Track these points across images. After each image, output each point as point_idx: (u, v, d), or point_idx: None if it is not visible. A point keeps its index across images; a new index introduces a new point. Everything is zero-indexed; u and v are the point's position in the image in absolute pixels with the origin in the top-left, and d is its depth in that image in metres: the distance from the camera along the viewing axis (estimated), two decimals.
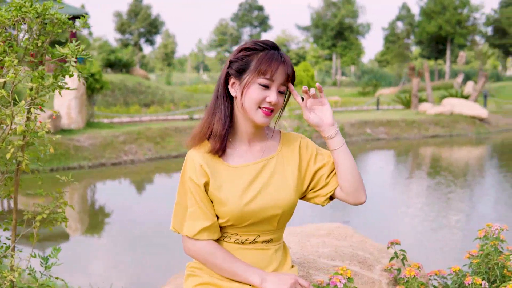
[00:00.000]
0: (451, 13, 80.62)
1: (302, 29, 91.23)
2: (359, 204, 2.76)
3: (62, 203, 3.08)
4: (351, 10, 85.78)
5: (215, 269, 2.64)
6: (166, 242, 9.06)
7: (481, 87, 33.36)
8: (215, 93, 2.69)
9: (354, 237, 3.90)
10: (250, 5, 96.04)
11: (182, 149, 19.15)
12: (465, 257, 3.49)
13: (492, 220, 10.31)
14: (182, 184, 2.66)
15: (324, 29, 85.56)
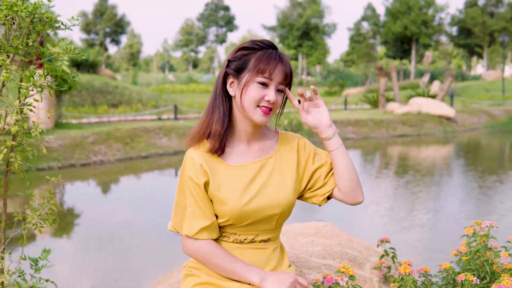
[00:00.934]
0: (417, 13, 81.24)
1: (268, 29, 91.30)
2: (357, 204, 2.78)
3: (52, 205, 3.05)
4: (317, 10, 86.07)
5: (215, 268, 2.64)
6: (138, 243, 9.02)
7: (448, 86, 33.63)
8: (214, 93, 2.70)
9: (341, 236, 3.92)
10: (216, 5, 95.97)
11: (151, 150, 19.09)
12: (452, 254, 3.51)
13: (462, 219, 10.41)
14: (181, 183, 2.65)
15: (290, 29, 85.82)
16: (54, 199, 3.06)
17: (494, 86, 56.75)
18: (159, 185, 14.92)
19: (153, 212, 11.20)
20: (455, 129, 28.84)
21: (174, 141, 20.22)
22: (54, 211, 3.09)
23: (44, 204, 3.01)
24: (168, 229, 2.80)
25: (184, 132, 20.84)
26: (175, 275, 3.61)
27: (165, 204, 11.98)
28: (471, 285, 2.94)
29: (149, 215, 11.02)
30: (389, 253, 3.39)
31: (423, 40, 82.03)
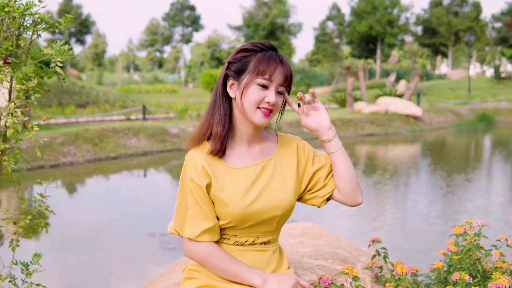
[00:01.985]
0: (382, 13, 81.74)
1: (234, 28, 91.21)
2: (357, 205, 2.81)
3: (44, 209, 3.01)
4: (283, 10, 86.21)
5: (216, 271, 2.63)
6: (109, 245, 8.94)
7: (415, 86, 33.85)
8: (214, 95, 2.70)
9: (329, 236, 3.93)
10: (181, 5, 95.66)
11: (120, 150, 18.98)
12: (440, 253, 3.53)
13: (432, 218, 10.47)
14: (183, 185, 2.64)
15: (256, 29, 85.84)
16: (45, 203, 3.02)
17: (460, 85, 57.28)
18: (129, 186, 14.84)
19: (124, 214, 11.12)
20: (422, 128, 29.04)
21: (143, 141, 20.14)
22: (44, 214, 3.05)
23: (36, 208, 2.98)
24: (168, 232, 2.77)
25: (153, 132, 20.77)
26: (165, 278, 3.58)
27: (136, 205, 11.93)
28: (465, 283, 2.96)
29: (120, 216, 10.94)
30: (381, 253, 3.39)
31: (388, 40, 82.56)
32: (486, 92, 49.86)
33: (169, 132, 21.30)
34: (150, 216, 10.89)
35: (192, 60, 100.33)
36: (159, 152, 19.96)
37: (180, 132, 21.56)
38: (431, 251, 8.28)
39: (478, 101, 40.70)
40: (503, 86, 55.27)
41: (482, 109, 34.58)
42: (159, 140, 20.66)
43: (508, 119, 34.42)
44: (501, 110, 35.32)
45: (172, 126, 21.90)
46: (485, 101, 40.58)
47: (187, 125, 22.41)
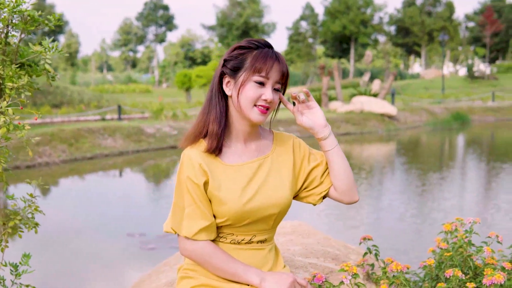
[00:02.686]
0: (355, 13, 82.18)
1: (207, 28, 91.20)
2: (353, 203, 2.81)
3: (34, 209, 2.96)
4: (256, 9, 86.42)
5: (213, 270, 2.60)
6: (84, 246, 8.88)
7: (390, 85, 34.00)
8: (210, 92, 2.67)
9: (317, 234, 3.92)
10: (155, 4, 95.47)
11: (96, 150, 18.88)
12: (430, 250, 3.53)
13: (409, 216, 10.50)
14: (179, 183, 2.62)
15: (230, 29, 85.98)
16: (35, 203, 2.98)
17: (433, 84, 57.62)
18: (106, 187, 14.75)
19: (101, 214, 11.05)
20: (397, 127, 29.19)
21: (119, 141, 20.04)
22: (33, 214, 3.01)
23: (25, 208, 2.93)
24: (164, 231, 2.74)
25: (129, 132, 20.69)
26: (154, 278, 3.55)
27: (113, 206, 11.85)
28: (459, 280, 2.96)
29: (97, 217, 10.86)
30: (372, 251, 3.39)
31: (361, 40, 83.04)
32: (460, 91, 50.23)
33: (144, 132, 21.22)
34: (128, 217, 10.83)
35: (166, 60, 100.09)
36: (135, 152, 19.88)
37: (156, 132, 21.49)
38: (409, 250, 8.32)
39: (452, 100, 40.99)
40: (476, 85, 55.71)
41: (456, 108, 34.82)
42: (135, 140, 20.58)
43: (482, 118, 34.69)
44: (475, 109, 35.58)
45: (147, 126, 21.81)
46: (459, 100, 40.88)
47: (162, 125, 22.34)
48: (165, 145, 21.08)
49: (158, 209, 11.64)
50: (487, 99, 41.70)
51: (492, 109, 36.26)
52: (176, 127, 22.44)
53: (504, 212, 10.84)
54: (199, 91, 48.60)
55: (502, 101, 41.03)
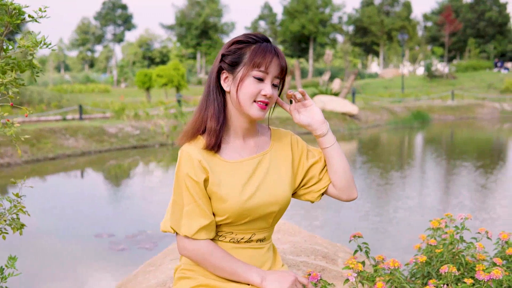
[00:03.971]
0: (314, 13, 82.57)
1: (166, 28, 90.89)
2: (352, 200, 2.80)
3: (19, 209, 2.88)
4: (216, 9, 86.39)
5: (213, 269, 2.56)
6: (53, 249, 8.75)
7: (351, 84, 34.14)
8: (207, 88, 2.63)
9: (302, 233, 3.90)
10: (113, 4, 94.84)
11: (58, 151, 18.64)
12: (416, 247, 3.52)
13: (372, 215, 10.52)
14: (178, 181, 2.56)
15: (189, 28, 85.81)
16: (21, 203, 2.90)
17: (393, 83, 58.07)
18: (69, 187, 14.57)
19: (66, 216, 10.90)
20: (359, 126, 29.32)
21: (81, 141, 19.83)
22: (18, 215, 2.93)
23: (12, 208, 2.85)
24: (161, 230, 2.67)
25: (91, 132, 20.49)
26: (142, 279, 3.47)
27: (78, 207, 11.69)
28: (453, 276, 2.94)
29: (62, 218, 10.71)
30: (363, 248, 3.37)
31: (320, 39, 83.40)
32: (419, 90, 50.66)
33: (107, 132, 21.03)
34: (93, 217, 10.70)
35: (124, 59, 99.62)
36: (98, 152, 19.69)
37: (118, 132, 21.32)
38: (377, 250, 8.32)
39: (412, 99, 41.33)
40: (435, 84, 56.24)
41: (416, 106, 35.13)
42: (97, 140, 20.39)
43: (441, 117, 35.01)
44: (434, 108, 35.89)
45: (109, 126, 21.63)
46: (418, 99, 41.26)
47: (124, 124, 22.17)
48: (127, 145, 20.92)
49: (123, 209, 11.52)
50: (446, 98, 42.13)
51: (451, 108, 36.61)
52: (138, 126, 22.28)
53: (469, 210, 10.92)
54: (159, 91, 48.40)
55: (462, 99, 41.50)
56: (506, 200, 12.01)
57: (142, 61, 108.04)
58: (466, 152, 21.20)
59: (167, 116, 24.37)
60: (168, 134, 22.34)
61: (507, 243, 3.41)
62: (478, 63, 70.97)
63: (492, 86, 52.19)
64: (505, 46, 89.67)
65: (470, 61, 73.89)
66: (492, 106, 37.82)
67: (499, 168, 16.93)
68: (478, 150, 22.02)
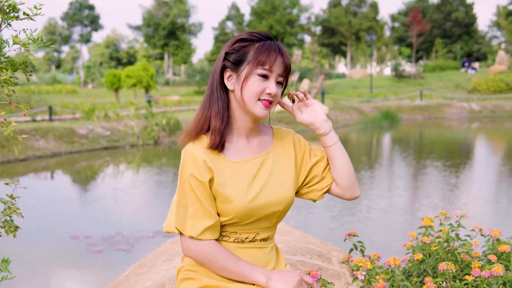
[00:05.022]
0: (282, 13, 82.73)
1: (133, 28, 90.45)
2: (355, 198, 2.78)
3: (13, 211, 2.82)
4: (183, 9, 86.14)
5: (218, 270, 2.53)
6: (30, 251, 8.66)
7: (320, 84, 34.22)
8: (210, 87, 2.60)
9: (293, 232, 3.90)
10: (80, 4, 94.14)
11: (28, 152, 18.46)
12: (408, 245, 3.52)
13: (349, 215, 10.57)
14: (182, 181, 2.52)
15: (156, 29, 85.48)
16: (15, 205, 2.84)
17: (361, 83, 58.29)
18: (40, 189, 14.41)
19: (40, 218, 10.78)
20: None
21: (51, 143, 19.66)
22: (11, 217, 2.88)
23: (6, 210, 2.79)
24: (164, 231, 2.63)
25: (61, 133, 20.32)
26: (136, 281, 3.43)
27: (51, 208, 11.58)
28: (452, 273, 2.95)
29: (36, 220, 10.58)
30: (358, 247, 3.37)
31: (288, 40, 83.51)
32: (387, 90, 50.92)
33: (77, 133, 20.88)
34: (67, 219, 10.62)
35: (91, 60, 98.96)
36: (68, 154, 19.54)
37: (89, 133, 21.18)
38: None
39: (380, 99, 41.52)
40: (403, 84, 56.57)
41: (385, 106, 35.30)
42: (68, 141, 20.23)
43: (410, 116, 35.21)
44: (403, 108, 36.10)
45: (79, 127, 21.48)
46: (387, 99, 41.45)
47: (95, 125, 22.02)
48: (98, 146, 20.80)
49: (97, 211, 11.45)
50: (415, 98, 42.38)
51: (420, 108, 36.85)
52: (109, 127, 22.16)
53: (441, 208, 10.99)
54: (128, 92, 48.17)
55: (430, 99, 41.77)
56: (477, 199, 12.13)
57: (109, 61, 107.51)
58: (436, 151, 21.36)
59: (138, 117, 24.27)
60: (138, 135, 22.24)
61: (498, 240, 3.43)
62: (446, 63, 71.49)
63: (459, 86, 52.63)
64: (471, 46, 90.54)
65: (437, 61, 74.45)
66: (460, 106, 38.12)
67: (468, 167, 17.10)
68: (448, 150, 22.22)
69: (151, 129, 22.45)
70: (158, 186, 14.18)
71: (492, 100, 42.79)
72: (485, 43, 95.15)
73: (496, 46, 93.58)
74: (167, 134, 22.95)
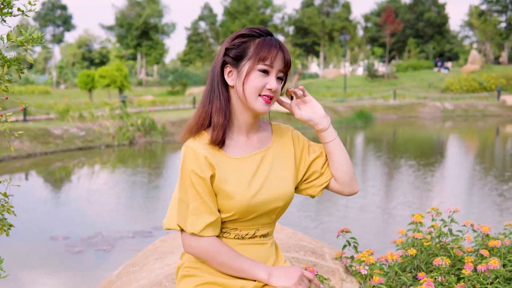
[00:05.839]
0: (255, 13, 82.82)
1: (106, 28, 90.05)
2: (354, 194, 2.80)
3: (6, 209, 2.79)
4: (156, 9, 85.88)
5: (220, 266, 2.53)
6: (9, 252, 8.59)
7: (295, 84, 34.28)
8: (210, 83, 2.60)
9: (284, 229, 3.90)
10: (53, 4, 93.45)
11: (3, 153, 18.29)
12: (398, 241, 3.54)
13: (326, 215, 10.58)
14: (183, 178, 2.51)
15: (129, 29, 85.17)
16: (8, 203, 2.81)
17: (335, 83, 58.43)
18: (15, 190, 14.28)
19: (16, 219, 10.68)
20: (303, 125, 29.35)
21: (26, 143, 19.50)
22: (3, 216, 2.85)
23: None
24: (164, 228, 2.61)
25: (36, 134, 20.17)
26: (128, 280, 3.41)
27: (27, 209, 11.48)
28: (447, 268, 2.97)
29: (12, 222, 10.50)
30: (351, 243, 3.38)
31: None
32: (361, 90, 51.07)
33: (52, 134, 20.73)
34: (45, 220, 10.55)
35: (63, 60, 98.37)
36: (43, 154, 19.39)
37: (64, 133, 21.05)
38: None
39: (354, 98, 41.66)
40: (376, 84, 56.84)
41: (359, 106, 35.42)
42: (42, 142, 20.08)
43: (384, 116, 35.40)
44: (377, 107, 36.27)
45: (54, 128, 21.32)
46: (361, 99, 41.60)
47: (70, 126, 21.88)
48: (73, 146, 20.67)
49: (74, 211, 11.39)
50: (388, 97, 42.59)
51: (393, 107, 37.06)
52: (84, 128, 22.03)
53: (417, 207, 11.07)
54: (101, 92, 47.93)
55: (403, 99, 42.00)
56: (452, 197, 12.22)
57: (82, 62, 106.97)
58: (410, 150, 21.51)
59: (113, 117, 24.15)
60: (114, 135, 22.14)
61: (488, 236, 3.45)
62: (418, 63, 71.93)
63: (432, 85, 52.98)
64: (443, 46, 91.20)
65: (410, 61, 74.86)
66: (434, 105, 38.40)
67: (442, 166, 17.24)
68: (422, 149, 22.36)
69: (126, 129, 22.36)
70: (133, 187, 14.13)
71: (465, 99, 43.19)
72: (457, 43, 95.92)
73: (467, 46, 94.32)
74: (143, 134, 22.88)
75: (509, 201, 11.58)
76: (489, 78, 49.37)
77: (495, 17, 78.50)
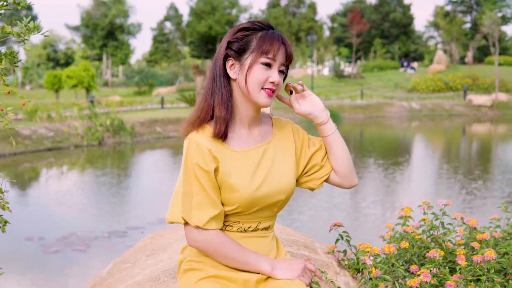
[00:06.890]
0: (221, 14, 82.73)
1: (71, 29, 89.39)
2: (353, 187, 2.83)
3: (2, 206, 2.77)
4: (122, 10, 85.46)
5: (223, 259, 2.54)
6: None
7: None
8: (212, 76, 2.61)
9: (275, 224, 3.89)
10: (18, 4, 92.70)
11: None
12: (387, 235, 3.57)
13: (299, 214, 10.60)
14: (186, 171, 2.51)
15: (95, 29, 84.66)
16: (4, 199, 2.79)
17: None
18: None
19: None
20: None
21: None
22: None
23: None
24: (167, 222, 2.60)
25: (4, 134, 19.98)
26: (120, 277, 3.39)
27: None
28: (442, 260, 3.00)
29: None
30: (344, 237, 3.40)
31: None
32: (328, 90, 51.22)
33: (20, 134, 20.54)
34: (17, 221, 10.42)
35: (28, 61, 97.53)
36: (12, 155, 19.20)
37: (32, 134, 20.86)
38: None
39: (322, 98, 41.76)
40: (343, 84, 57.03)
41: (327, 106, 35.25)
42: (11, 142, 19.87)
43: (351, 115, 35.58)
44: (344, 107, 36.45)
45: (22, 128, 21.10)
46: (328, 99, 41.74)
47: (38, 126, 21.70)
48: (42, 147, 20.48)
49: (44, 212, 11.31)
50: (355, 97, 42.78)
51: (361, 107, 37.28)
52: (52, 128, 21.86)
53: (389, 205, 11.15)
54: (68, 92, 47.62)
55: (370, 99, 42.24)
56: (423, 195, 12.32)
57: (47, 62, 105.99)
58: (378, 149, 21.65)
59: (81, 118, 24.02)
60: (83, 135, 21.99)
61: (475, 229, 3.49)
62: (385, 63, 72.28)
63: (399, 85, 53.28)
64: (409, 46, 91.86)
65: (376, 61, 75.22)
66: (401, 105, 38.67)
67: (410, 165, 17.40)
68: (390, 148, 22.52)
69: (95, 129, 22.23)
70: (103, 187, 14.05)
71: (431, 99, 43.55)
72: (422, 43, 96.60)
73: (432, 47, 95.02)
74: (112, 135, 22.76)
75: (479, 199, 11.70)
76: (455, 78, 49.80)
77: (460, 17, 79.30)
